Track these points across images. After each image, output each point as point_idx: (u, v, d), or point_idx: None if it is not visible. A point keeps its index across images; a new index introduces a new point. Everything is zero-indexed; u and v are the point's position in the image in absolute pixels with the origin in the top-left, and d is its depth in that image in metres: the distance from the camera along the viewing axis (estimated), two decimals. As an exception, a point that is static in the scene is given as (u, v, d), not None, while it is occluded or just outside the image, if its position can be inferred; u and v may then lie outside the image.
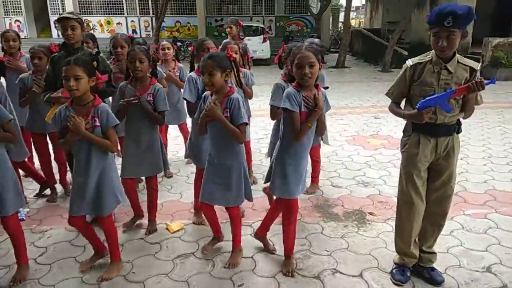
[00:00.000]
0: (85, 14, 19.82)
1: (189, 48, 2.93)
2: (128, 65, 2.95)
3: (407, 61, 2.45)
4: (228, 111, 2.48)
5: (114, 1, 19.98)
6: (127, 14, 19.96)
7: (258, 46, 15.05)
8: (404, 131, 2.51)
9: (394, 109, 2.50)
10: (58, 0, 19.45)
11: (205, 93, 2.66)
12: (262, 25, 16.36)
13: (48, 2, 19.50)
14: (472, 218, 3.39)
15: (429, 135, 2.41)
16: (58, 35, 19.99)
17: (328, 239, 3.10)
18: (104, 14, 20.14)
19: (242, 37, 5.22)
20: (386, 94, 2.56)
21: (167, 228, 3.25)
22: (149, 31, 18.39)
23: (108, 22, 20.03)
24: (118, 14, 19.94)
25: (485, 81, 2.16)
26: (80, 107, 2.41)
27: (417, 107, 2.25)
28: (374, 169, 4.61)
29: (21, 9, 19.42)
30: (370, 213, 3.51)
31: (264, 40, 15.25)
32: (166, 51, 4.33)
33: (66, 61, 2.32)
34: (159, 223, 3.29)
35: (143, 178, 3.72)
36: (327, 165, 4.74)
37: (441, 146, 2.41)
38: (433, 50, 2.33)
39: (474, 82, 2.13)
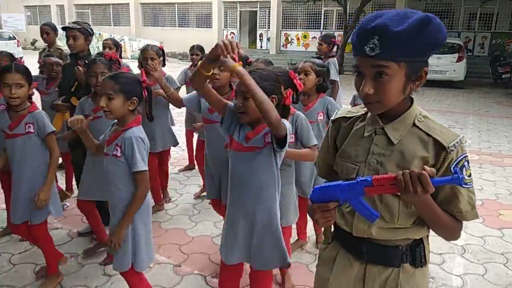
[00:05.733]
0: (287, 28, 21.21)
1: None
2: None
3: None
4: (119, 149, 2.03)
5: (314, 17, 20.57)
6: (323, 28, 20.22)
7: (450, 66, 12.67)
8: (323, 233, 1.48)
9: None
10: (266, 17, 21.45)
11: None
12: (459, 42, 13.68)
13: (258, 19, 21.79)
14: None
15: (353, 253, 1.34)
16: (261, 46, 22.17)
17: None
18: (303, 28, 21.02)
19: (334, 54, 4.62)
20: (315, 164, 1.57)
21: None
22: (342, 46, 18.12)
23: (305, 36, 20.82)
24: (315, 28, 20.44)
25: (436, 178, 1.03)
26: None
27: (309, 196, 1.27)
28: (465, 259, 3.09)
29: (236, 23, 22.35)
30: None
31: (459, 59, 12.72)
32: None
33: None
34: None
35: None
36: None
37: (373, 281, 1.30)
38: None
39: (407, 173, 1.03)
